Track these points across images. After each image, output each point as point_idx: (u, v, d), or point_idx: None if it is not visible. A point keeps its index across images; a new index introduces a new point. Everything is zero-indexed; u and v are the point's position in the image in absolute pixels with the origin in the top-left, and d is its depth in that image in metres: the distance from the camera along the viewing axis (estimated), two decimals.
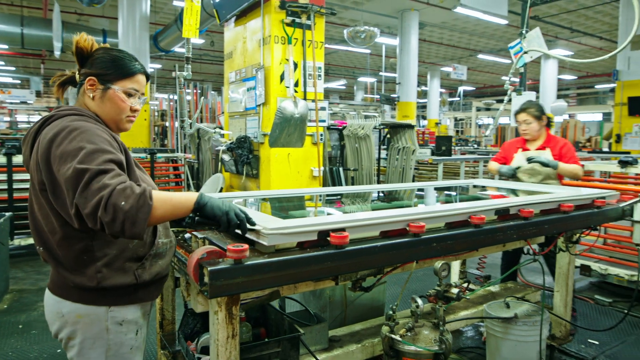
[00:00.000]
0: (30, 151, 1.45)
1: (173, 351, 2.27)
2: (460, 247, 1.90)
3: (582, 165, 3.53)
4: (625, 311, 2.87)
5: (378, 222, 1.67)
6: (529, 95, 4.25)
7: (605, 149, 14.15)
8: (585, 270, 4.35)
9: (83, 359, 1.45)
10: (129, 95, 1.54)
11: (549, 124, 3.61)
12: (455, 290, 2.07)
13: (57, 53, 9.65)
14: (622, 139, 10.30)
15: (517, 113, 3.60)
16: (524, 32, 4.00)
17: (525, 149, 3.60)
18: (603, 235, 4.68)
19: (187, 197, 1.37)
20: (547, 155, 3.44)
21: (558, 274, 3.01)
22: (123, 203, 1.21)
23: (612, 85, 11.13)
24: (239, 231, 1.43)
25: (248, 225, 1.43)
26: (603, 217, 2.56)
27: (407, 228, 1.72)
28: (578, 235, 2.69)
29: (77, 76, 1.56)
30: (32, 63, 19.97)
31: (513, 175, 3.50)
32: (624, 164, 3.97)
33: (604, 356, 3.13)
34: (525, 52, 3.37)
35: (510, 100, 4.01)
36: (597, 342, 3.32)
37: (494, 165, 3.77)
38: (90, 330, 1.44)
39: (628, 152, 9.51)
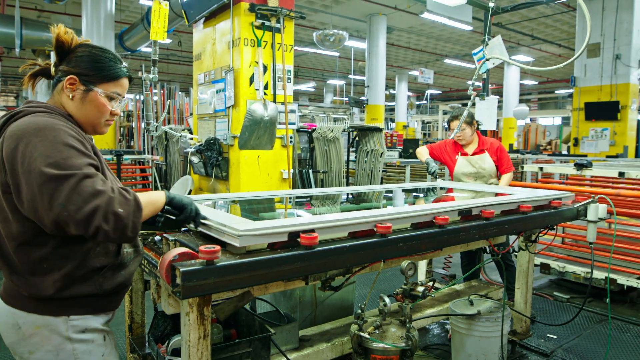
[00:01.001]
0: None
1: (143, 354, 2.25)
2: (426, 247, 1.97)
3: (514, 169, 3.88)
4: (581, 307, 3.03)
5: (346, 224, 1.72)
6: (492, 100, 4.41)
7: (565, 152, 14.74)
8: (544, 268, 4.54)
9: None
10: (111, 98, 1.48)
11: (477, 127, 3.87)
12: (421, 289, 2.14)
13: (17, 50, 9.33)
14: (579, 142, 10.77)
15: (450, 121, 3.81)
16: (486, 39, 4.14)
17: (464, 153, 3.82)
18: (561, 234, 4.90)
19: (158, 194, 1.42)
20: (486, 159, 3.71)
21: (518, 272, 3.14)
22: (121, 210, 1.20)
23: (570, 90, 11.61)
24: (192, 225, 1.58)
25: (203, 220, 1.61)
26: (559, 217, 2.70)
27: (375, 229, 1.78)
28: (536, 234, 2.82)
29: (52, 70, 1.46)
30: None
31: (433, 173, 3.74)
32: (579, 166, 4.17)
33: (562, 349, 3.29)
34: (487, 59, 3.50)
35: (474, 104, 4.14)
36: (555, 337, 3.48)
37: (424, 152, 3.92)
38: (50, 341, 1.35)
39: (585, 155, 9.96)
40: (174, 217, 1.49)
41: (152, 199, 1.38)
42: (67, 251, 1.34)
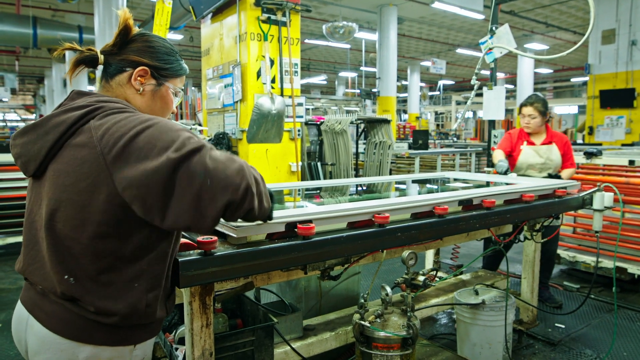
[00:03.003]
0: (56, 143, 1.15)
1: None
2: (425, 237, 1.99)
3: (576, 167, 3.80)
4: (587, 295, 3.02)
5: (344, 214, 1.75)
6: (499, 90, 4.37)
7: (580, 141, 14.51)
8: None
9: None
10: (175, 95, 1.38)
11: (549, 118, 3.73)
12: (421, 278, 2.17)
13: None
14: (594, 131, 10.60)
15: (523, 105, 3.64)
16: (493, 28, 4.11)
17: (530, 143, 3.67)
18: (572, 224, 4.86)
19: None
20: (554, 150, 3.59)
21: (525, 261, 3.14)
22: (256, 175, 1.16)
23: (586, 78, 11.43)
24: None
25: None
26: (564, 206, 2.69)
27: (373, 219, 1.80)
28: (541, 224, 2.82)
29: (100, 58, 1.29)
30: (5, 60, 19.55)
31: (505, 173, 3.50)
32: (589, 155, 4.13)
33: (569, 339, 3.28)
34: (491, 49, 3.49)
35: (479, 94, 4.12)
36: (563, 326, 3.47)
37: (497, 155, 3.72)
38: None
39: (600, 144, 9.81)
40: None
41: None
42: (156, 266, 1.19)
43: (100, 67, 1.31)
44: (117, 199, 1.10)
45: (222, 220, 1.31)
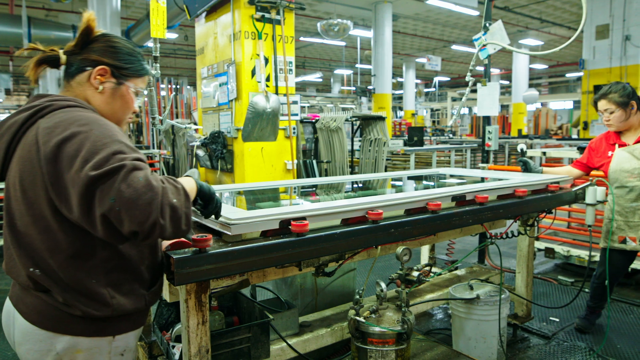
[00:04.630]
0: (8, 148, 1.21)
1: (149, 342, 2.34)
2: (418, 232, 2.01)
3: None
4: (580, 289, 3.05)
5: (338, 211, 1.76)
6: (493, 86, 4.40)
7: (575, 136, 14.57)
8: (549, 252, 4.55)
9: None
10: (136, 95, 1.40)
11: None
12: (415, 274, 2.19)
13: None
14: (589, 126, 10.65)
15: (596, 100, 2.98)
16: (487, 24, 4.13)
17: (621, 144, 2.95)
18: (567, 219, 4.90)
19: (188, 182, 1.33)
20: None
21: (519, 256, 3.17)
22: (175, 201, 1.10)
23: (580, 73, 11.47)
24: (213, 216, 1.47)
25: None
26: (556, 201, 2.71)
27: (366, 215, 1.82)
28: (534, 218, 2.84)
29: (62, 57, 1.32)
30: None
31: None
32: (581, 150, 4.15)
33: (564, 332, 3.32)
34: (485, 45, 3.50)
35: (474, 90, 4.14)
36: (557, 319, 3.51)
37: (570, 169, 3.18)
38: None
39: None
40: (199, 209, 1.43)
41: (190, 187, 1.29)
42: (121, 263, 1.24)
43: (62, 67, 1.33)
44: (51, 198, 1.15)
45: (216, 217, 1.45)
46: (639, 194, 2.86)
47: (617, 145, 2.96)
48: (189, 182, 1.32)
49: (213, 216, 1.48)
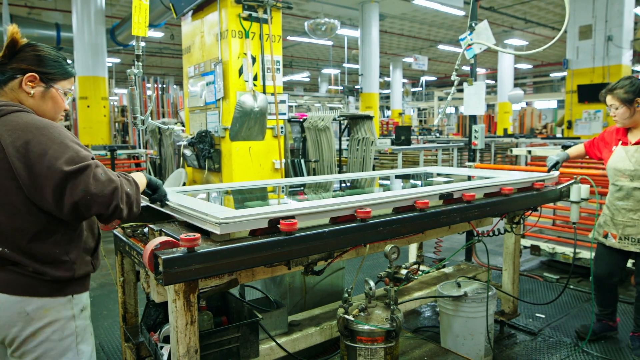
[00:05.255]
0: None
1: (136, 343, 2.31)
2: (407, 231, 2.03)
3: None
4: (565, 285, 3.09)
5: (326, 210, 1.77)
6: (480, 85, 4.44)
7: (559, 135, 14.78)
8: (534, 250, 4.61)
9: (53, 354, 1.47)
10: (64, 94, 1.59)
11: None
12: (404, 272, 2.20)
13: None
14: (573, 125, 10.81)
15: (604, 95, 2.91)
16: (473, 24, 4.16)
17: (625, 142, 2.88)
18: (551, 216, 4.97)
19: (142, 176, 1.66)
20: None
21: (505, 253, 3.20)
22: (129, 190, 1.42)
23: (564, 73, 11.63)
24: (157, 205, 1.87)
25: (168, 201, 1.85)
26: (542, 199, 2.75)
27: (355, 214, 1.83)
28: (519, 216, 2.88)
29: None
30: None
31: (552, 168, 3.06)
32: (566, 148, 4.20)
33: (549, 328, 3.36)
34: (471, 45, 3.53)
35: (459, 90, 4.18)
36: (543, 316, 3.55)
37: (576, 148, 3.23)
38: (57, 322, 1.47)
39: (578, 138, 10.01)
40: (147, 197, 1.78)
41: (141, 180, 1.63)
42: (72, 236, 1.50)
43: None
44: (20, 187, 1.37)
45: (204, 216, 1.56)
46: (626, 194, 2.87)
47: (620, 142, 2.91)
48: (139, 176, 1.63)
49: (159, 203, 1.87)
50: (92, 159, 1.39)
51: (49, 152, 1.33)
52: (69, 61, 1.62)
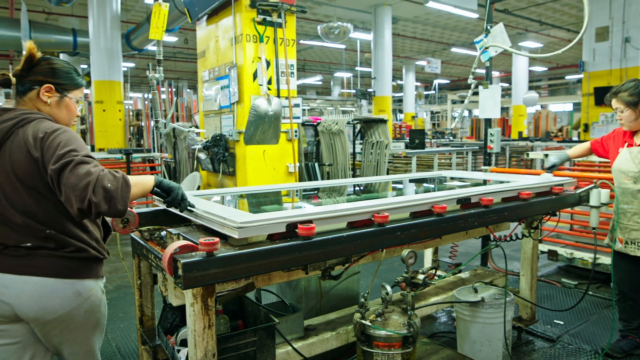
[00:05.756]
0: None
1: (153, 346, 2.32)
2: (424, 235, 2.01)
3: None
4: (585, 292, 3.04)
5: (344, 214, 1.76)
6: (495, 88, 4.40)
7: (575, 138, 14.58)
8: (552, 255, 4.54)
9: (98, 326, 1.72)
10: (76, 102, 1.77)
11: None
12: (421, 277, 2.18)
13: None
14: (590, 128, 10.65)
15: (610, 98, 2.90)
16: (488, 27, 4.13)
17: (630, 144, 2.86)
18: (569, 221, 4.89)
19: (148, 177, 1.69)
20: None
21: (523, 258, 3.16)
22: (109, 185, 1.40)
23: (581, 76, 11.49)
24: (177, 210, 1.81)
25: (189, 207, 1.81)
26: (561, 204, 2.71)
27: (372, 218, 1.82)
28: (538, 221, 2.84)
29: (12, 80, 1.67)
30: None
31: (549, 169, 3.08)
32: None
33: (568, 335, 3.30)
34: (487, 48, 3.50)
35: (475, 93, 4.14)
36: (562, 322, 3.50)
37: (581, 146, 3.19)
38: (98, 297, 1.70)
39: None
40: (162, 199, 1.76)
41: (141, 180, 1.64)
42: (93, 225, 1.70)
43: (12, 87, 1.70)
44: (43, 178, 1.53)
45: (222, 220, 1.58)
46: (631, 197, 2.83)
47: (626, 144, 2.89)
48: (146, 178, 1.68)
49: (178, 208, 1.80)
50: (86, 157, 1.47)
51: (56, 152, 1.47)
52: (79, 72, 1.79)
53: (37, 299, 1.56)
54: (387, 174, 5.92)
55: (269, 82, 4.74)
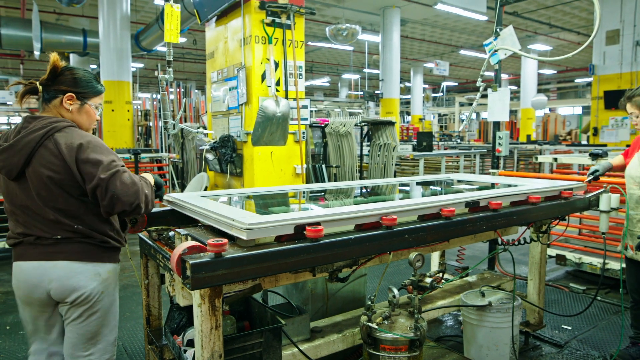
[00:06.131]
0: (30, 155, 1.74)
1: (160, 346, 2.33)
2: (432, 238, 2.00)
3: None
4: (594, 297, 3.01)
5: (352, 217, 1.76)
6: (504, 91, 4.37)
7: (584, 142, 14.47)
8: (560, 259, 4.51)
9: (114, 303, 1.93)
10: (96, 108, 1.94)
11: None
12: (428, 280, 2.17)
13: (36, 53, 9.55)
14: (599, 131, 10.57)
15: (624, 103, 2.87)
16: (497, 30, 4.12)
17: None
18: (578, 225, 4.85)
19: (150, 176, 1.98)
20: None
21: (531, 262, 3.14)
22: (147, 191, 1.77)
23: (590, 79, 11.40)
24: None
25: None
26: (570, 208, 2.69)
27: (380, 221, 1.81)
28: (547, 225, 2.82)
29: (39, 88, 1.85)
30: (10, 64, 19.66)
31: (595, 179, 2.97)
32: (594, 156, 4.11)
33: (576, 340, 3.28)
34: (496, 50, 3.48)
35: (484, 95, 4.12)
36: (569, 328, 3.47)
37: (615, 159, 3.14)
38: (114, 281, 1.92)
39: (605, 145, 9.78)
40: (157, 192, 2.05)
41: (150, 180, 1.93)
42: (110, 219, 1.90)
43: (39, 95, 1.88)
44: (76, 182, 1.74)
45: (230, 222, 1.59)
46: (636, 203, 2.79)
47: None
48: (150, 177, 1.97)
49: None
50: (123, 166, 1.75)
51: (97, 154, 1.72)
52: (99, 79, 1.97)
53: (64, 279, 1.78)
54: (395, 176, 5.91)
55: (277, 84, 4.75)
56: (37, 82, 1.86)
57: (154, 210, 2.27)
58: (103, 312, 1.87)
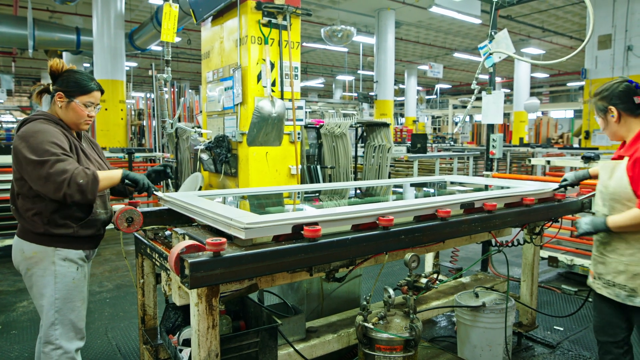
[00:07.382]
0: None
1: (155, 345, 2.33)
2: (428, 239, 2.01)
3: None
4: (585, 298, 3.04)
5: (349, 217, 1.77)
6: (498, 94, 4.41)
7: (576, 145, 14.60)
8: (552, 261, 4.54)
9: (38, 284, 2.05)
10: (86, 106, 2.11)
11: (637, 112, 2.13)
12: (424, 280, 2.18)
13: (30, 51, 9.49)
14: (591, 135, 10.67)
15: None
16: (492, 33, 4.15)
17: (614, 157, 2.24)
18: (570, 227, 4.89)
19: (116, 171, 2.10)
20: (618, 170, 2.14)
21: (524, 264, 3.17)
22: (81, 181, 1.87)
23: (582, 83, 11.51)
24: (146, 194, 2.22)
25: (155, 192, 2.22)
26: (563, 210, 2.72)
27: (377, 221, 1.82)
28: (540, 227, 2.84)
29: (50, 88, 2.13)
30: (2, 61, 19.47)
31: (565, 188, 2.67)
32: (586, 159, 4.16)
33: (568, 341, 3.31)
34: (491, 53, 3.52)
35: (478, 98, 4.16)
36: (561, 329, 3.50)
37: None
38: (42, 262, 2.04)
39: (596, 148, 9.87)
40: (133, 188, 2.19)
41: (109, 174, 2.05)
42: (53, 206, 2.00)
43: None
44: (17, 168, 1.98)
45: (229, 221, 1.58)
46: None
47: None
48: (113, 172, 2.09)
49: (147, 193, 2.21)
50: (64, 155, 1.92)
51: (29, 148, 1.91)
52: (92, 79, 2.15)
53: (13, 252, 2.08)
54: (389, 177, 5.93)
55: (273, 84, 4.75)
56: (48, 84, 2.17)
57: (149, 209, 2.27)
58: (35, 295, 2.07)
